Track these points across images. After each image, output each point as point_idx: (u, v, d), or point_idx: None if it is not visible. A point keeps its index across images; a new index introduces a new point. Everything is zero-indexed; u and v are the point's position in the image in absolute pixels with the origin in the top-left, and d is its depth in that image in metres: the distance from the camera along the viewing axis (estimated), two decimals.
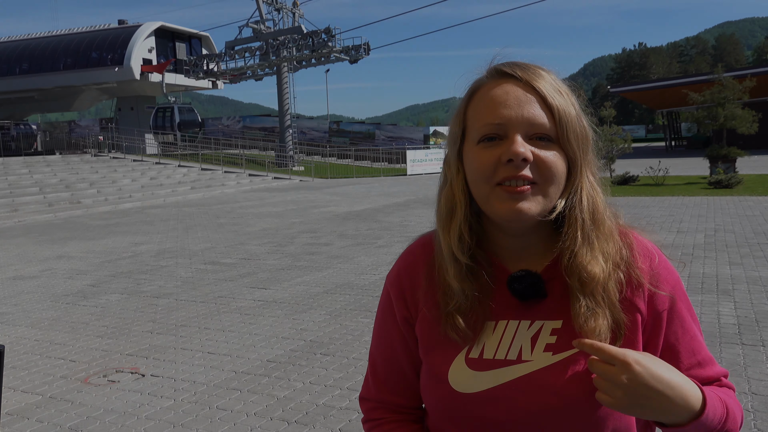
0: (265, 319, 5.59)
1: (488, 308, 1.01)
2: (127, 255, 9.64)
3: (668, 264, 1.04)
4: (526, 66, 0.98)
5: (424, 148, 35.29)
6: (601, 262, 0.96)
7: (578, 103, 1.00)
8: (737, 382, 3.70)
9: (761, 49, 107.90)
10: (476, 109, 0.98)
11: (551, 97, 0.94)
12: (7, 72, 35.45)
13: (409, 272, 1.11)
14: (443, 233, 1.04)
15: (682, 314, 1.02)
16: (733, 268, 6.87)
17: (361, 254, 8.77)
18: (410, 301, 1.09)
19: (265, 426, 3.40)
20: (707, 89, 20.62)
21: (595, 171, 1.02)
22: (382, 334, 1.14)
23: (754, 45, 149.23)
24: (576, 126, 0.96)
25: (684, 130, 51.52)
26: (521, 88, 0.95)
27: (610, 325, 0.95)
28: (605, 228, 0.99)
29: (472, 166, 0.97)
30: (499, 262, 1.04)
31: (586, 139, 0.99)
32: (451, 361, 1.01)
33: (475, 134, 0.97)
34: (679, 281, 1.04)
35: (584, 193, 0.98)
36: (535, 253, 1.02)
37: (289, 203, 17.60)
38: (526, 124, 0.93)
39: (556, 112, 0.94)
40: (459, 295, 1.01)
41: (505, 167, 0.93)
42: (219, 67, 34.29)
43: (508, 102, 0.94)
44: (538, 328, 0.99)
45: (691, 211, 12.04)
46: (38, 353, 4.90)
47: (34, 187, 20.11)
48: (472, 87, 1.01)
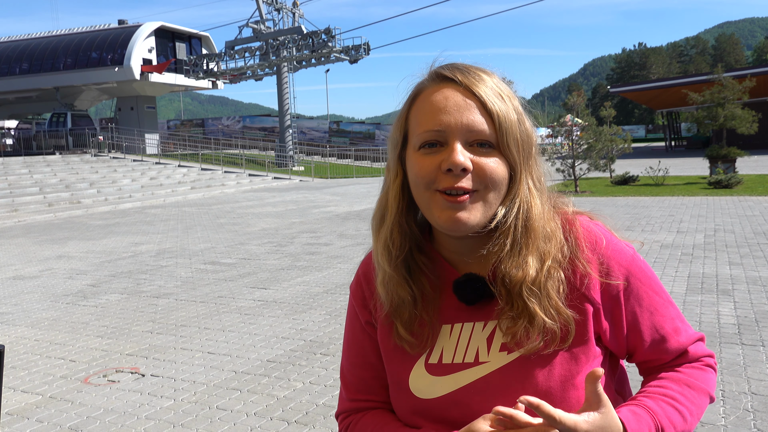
0: (265, 319, 5.59)
1: (438, 313, 1.01)
2: (127, 255, 9.65)
3: (618, 245, 1.02)
4: (467, 69, 0.97)
5: None
6: (530, 265, 0.95)
7: (521, 106, 0.99)
8: (737, 382, 3.70)
9: (761, 49, 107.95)
10: (417, 114, 0.97)
11: (491, 102, 0.93)
12: (7, 72, 35.42)
13: (366, 279, 1.11)
14: (373, 240, 1.05)
15: (638, 292, 1.01)
16: (733, 268, 6.88)
17: (361, 254, 8.77)
18: (371, 307, 1.09)
19: (265, 426, 3.40)
20: (707, 89, 20.62)
21: (537, 176, 1.00)
22: (352, 341, 1.14)
23: (754, 45, 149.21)
24: (516, 131, 0.95)
25: (684, 130, 51.52)
26: (461, 93, 0.94)
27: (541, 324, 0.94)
28: (539, 233, 0.97)
29: (413, 171, 0.96)
30: (448, 265, 1.03)
31: (528, 144, 0.98)
32: (410, 369, 1.01)
33: (416, 140, 0.96)
34: (632, 260, 1.01)
35: (521, 200, 0.97)
36: (483, 255, 1.00)
37: (289, 203, 17.60)
38: (465, 130, 0.92)
39: (495, 118, 0.93)
40: (389, 302, 1.01)
41: (444, 176, 0.92)
42: (219, 67, 34.28)
43: (447, 108, 0.93)
44: (492, 328, 0.99)
45: (691, 211, 12.04)
46: (38, 353, 4.91)
47: (34, 187, 20.11)
48: (414, 91, 1.00)
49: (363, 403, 1.12)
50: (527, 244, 0.96)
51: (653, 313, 1.01)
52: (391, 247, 1.00)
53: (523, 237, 0.96)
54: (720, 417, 3.27)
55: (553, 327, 0.94)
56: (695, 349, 1.05)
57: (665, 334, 1.02)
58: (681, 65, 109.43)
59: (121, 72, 32.84)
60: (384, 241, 1.01)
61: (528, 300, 0.94)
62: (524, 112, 0.99)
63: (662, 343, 1.02)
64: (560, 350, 0.95)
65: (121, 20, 36.86)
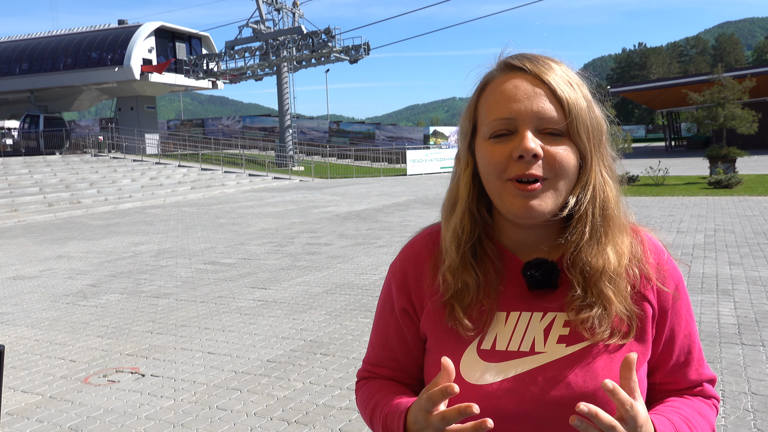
0: (265, 319, 5.59)
1: (497, 299, 1.01)
2: (127, 255, 9.65)
3: (674, 263, 1.05)
4: (536, 58, 0.97)
5: (424, 148, 35.32)
6: (609, 255, 0.97)
7: (590, 95, 0.99)
8: (737, 382, 3.70)
9: (761, 49, 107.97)
10: (486, 103, 0.98)
11: (560, 89, 0.94)
12: (7, 72, 35.42)
13: (413, 263, 1.10)
14: (443, 227, 1.06)
15: (681, 312, 1.03)
16: (733, 268, 6.88)
17: (361, 254, 8.78)
18: (414, 292, 1.08)
19: (265, 426, 3.40)
20: (707, 89, 20.62)
21: (609, 164, 1.01)
22: (379, 319, 1.15)
23: (754, 45, 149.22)
24: (587, 118, 0.95)
25: (684, 130, 51.54)
26: (530, 81, 0.95)
27: (622, 317, 0.96)
28: (616, 222, 0.99)
29: (484, 161, 0.97)
30: (510, 253, 1.04)
31: (599, 132, 0.98)
32: (462, 353, 1.00)
33: (486, 129, 0.97)
34: (682, 281, 1.05)
35: (596, 187, 0.97)
36: (547, 245, 1.02)
37: (289, 203, 17.60)
38: (535, 118, 0.93)
39: (565, 105, 0.93)
40: (454, 287, 1.01)
41: (515, 163, 0.92)
42: (219, 67, 34.29)
43: (517, 96, 0.94)
44: (551, 319, 0.99)
45: (691, 211, 12.04)
46: (38, 353, 4.90)
47: (34, 187, 20.11)
48: (483, 81, 1.01)
49: (374, 374, 1.16)
50: (606, 232, 0.98)
51: (686, 336, 1.04)
52: (461, 234, 1.01)
53: (602, 225, 0.98)
54: (720, 417, 3.27)
55: (624, 317, 0.96)
56: (708, 387, 1.07)
57: (690, 360, 1.05)
58: (681, 65, 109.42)
59: (121, 72, 32.84)
60: (454, 228, 1.02)
61: (605, 288, 0.95)
62: (593, 99, 0.99)
63: (684, 367, 1.04)
64: (622, 345, 0.97)
65: (121, 20, 36.86)
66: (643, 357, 0.99)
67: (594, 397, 0.93)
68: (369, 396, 1.12)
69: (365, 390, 1.14)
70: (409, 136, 39.92)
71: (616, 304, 0.95)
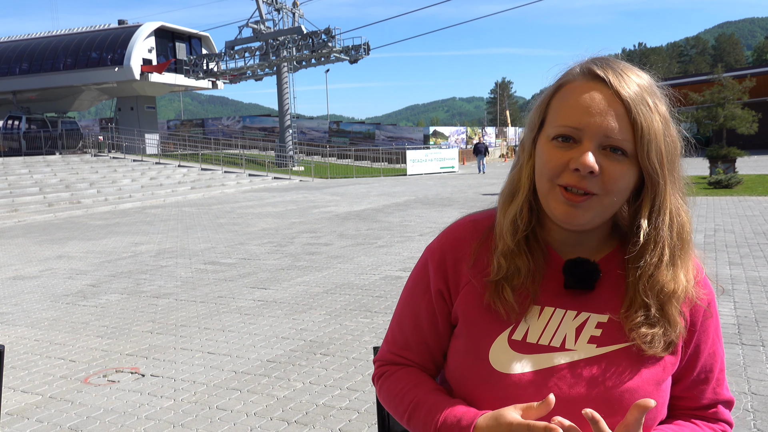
0: (265, 319, 5.59)
1: (536, 292, 1.02)
2: (127, 255, 9.65)
3: (708, 281, 1.07)
4: (620, 70, 0.97)
5: (424, 148, 35.32)
6: (681, 279, 0.98)
7: (668, 114, 0.98)
8: (737, 382, 3.70)
9: (761, 49, 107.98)
10: (559, 104, 0.98)
11: (636, 110, 0.93)
12: (7, 72, 35.44)
13: (455, 246, 1.11)
14: (501, 212, 1.06)
15: (709, 331, 1.04)
16: (733, 268, 6.88)
17: (361, 254, 8.78)
18: (451, 275, 1.09)
19: (265, 426, 3.40)
20: (707, 89, 20.65)
21: (682, 187, 1.02)
22: (410, 301, 1.14)
23: (754, 45, 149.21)
24: (661, 142, 0.95)
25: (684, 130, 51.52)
26: (608, 95, 0.94)
27: (673, 334, 0.98)
28: (690, 246, 1.01)
29: (542, 160, 0.98)
30: (552, 251, 1.05)
31: (673, 155, 0.98)
32: (493, 339, 1.01)
33: (552, 130, 0.97)
34: (714, 299, 1.06)
35: (672, 213, 0.99)
36: (589, 247, 1.03)
37: (289, 203, 17.61)
38: (603, 134, 0.93)
39: (638, 128, 0.93)
40: (506, 269, 1.02)
41: (570, 173, 0.93)
42: (219, 67, 34.28)
43: (591, 109, 0.93)
44: (584, 319, 1.00)
45: (691, 211, 12.02)
46: (38, 353, 4.90)
47: (34, 187, 20.11)
48: (561, 80, 1.00)
49: (401, 358, 1.14)
50: (682, 257, 1.00)
51: (711, 354, 1.05)
52: (519, 223, 1.02)
53: (679, 250, 1.00)
54: None
55: (673, 337, 0.99)
56: (723, 410, 1.07)
57: (710, 378, 1.05)
58: (681, 65, 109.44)
59: (121, 72, 32.84)
60: (513, 216, 1.03)
61: (673, 310, 0.98)
62: (671, 119, 0.99)
63: (703, 385, 1.05)
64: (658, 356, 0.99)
65: (121, 20, 36.86)
66: (672, 368, 1.00)
67: (621, 400, 0.94)
68: (404, 388, 1.09)
69: (396, 379, 1.12)
70: (409, 136, 39.93)
71: (680, 326, 0.98)
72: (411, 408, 1.05)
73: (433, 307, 1.10)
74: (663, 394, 0.99)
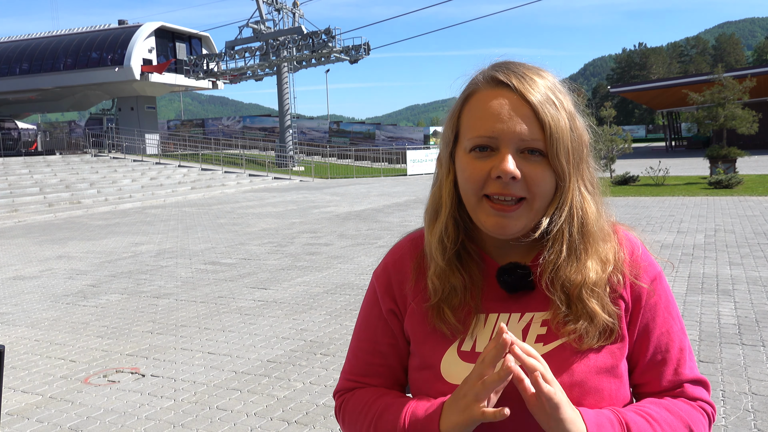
0: (265, 320, 5.59)
1: (478, 301, 1.02)
2: (127, 255, 9.64)
3: (650, 258, 1.06)
4: (522, 73, 0.97)
5: (424, 148, 35.31)
6: (590, 268, 0.98)
7: (575, 107, 0.99)
8: (737, 383, 3.70)
9: (761, 49, 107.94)
10: (469, 116, 0.98)
11: (543, 110, 0.94)
12: (7, 72, 35.42)
13: (396, 267, 1.12)
14: (427, 231, 1.07)
15: (656, 307, 1.03)
16: (733, 268, 6.87)
17: (361, 254, 8.78)
18: (398, 294, 1.10)
19: (265, 426, 3.40)
20: (707, 89, 20.60)
21: (590, 177, 1.02)
22: (366, 326, 1.14)
23: (754, 45, 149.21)
24: (567, 140, 0.96)
25: (684, 130, 51.53)
26: (514, 100, 0.95)
27: (601, 323, 0.97)
28: (597, 236, 1.00)
29: (463, 175, 0.98)
30: (487, 257, 1.05)
31: (579, 149, 0.99)
32: (442, 354, 1.01)
33: (468, 143, 0.97)
34: (659, 275, 1.04)
35: (574, 207, 0.99)
36: (522, 247, 1.03)
37: (289, 203, 17.60)
38: (518, 139, 0.94)
39: (546, 128, 0.94)
40: (442, 291, 1.02)
41: (493, 182, 0.94)
42: (219, 67, 34.28)
43: (501, 116, 0.94)
44: (528, 320, 1.00)
45: (691, 211, 12.03)
46: (38, 353, 4.90)
47: (34, 188, 20.11)
48: (467, 91, 1.01)
49: (360, 385, 1.13)
50: (586, 249, 0.99)
51: (663, 333, 1.03)
52: (446, 241, 1.02)
53: (581, 243, 0.99)
54: (720, 417, 3.27)
55: (609, 324, 0.98)
56: (692, 389, 1.03)
57: (667, 358, 1.02)
58: (681, 65, 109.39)
59: (121, 72, 32.84)
60: (439, 235, 1.03)
61: (588, 301, 0.97)
62: (576, 112, 0.99)
63: (661, 366, 1.02)
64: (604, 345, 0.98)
65: (121, 20, 36.86)
66: (621, 352, 0.99)
67: (570, 394, 0.94)
68: (370, 399, 1.07)
69: (359, 398, 1.09)
70: (409, 136, 39.92)
71: (600, 315, 0.96)
72: (378, 413, 1.03)
73: (390, 329, 1.10)
74: (617, 380, 0.97)
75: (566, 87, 1.01)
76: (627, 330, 1.01)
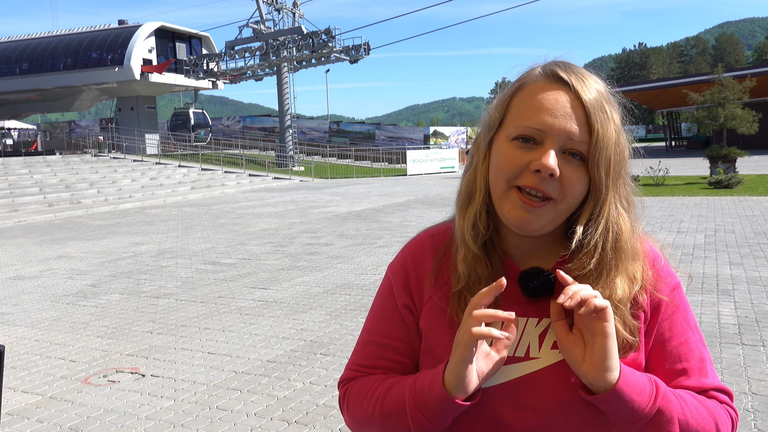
0: (265, 320, 5.59)
1: (498, 302, 1.00)
2: (127, 255, 9.64)
3: (670, 269, 1.05)
4: (581, 74, 0.96)
5: (424, 148, 35.33)
6: (617, 286, 0.96)
7: (620, 121, 0.98)
8: (737, 383, 3.70)
9: (761, 49, 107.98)
10: (521, 104, 0.97)
11: (595, 117, 0.93)
12: (7, 72, 35.42)
13: (416, 263, 1.09)
14: (459, 216, 1.04)
15: (673, 317, 1.02)
16: (733, 268, 6.87)
17: (361, 254, 8.78)
18: (415, 290, 1.08)
19: (265, 426, 3.40)
20: (707, 89, 20.61)
21: (625, 194, 1.01)
22: (379, 320, 1.12)
23: (754, 45, 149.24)
24: (611, 151, 0.95)
25: (684, 130, 51.55)
26: (570, 98, 0.94)
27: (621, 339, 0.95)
28: (628, 254, 0.98)
29: (500, 161, 0.96)
30: (508, 259, 1.04)
31: (620, 164, 0.97)
32: None
33: (512, 129, 0.96)
34: (677, 286, 1.04)
35: (610, 222, 0.97)
36: (544, 252, 1.02)
37: (289, 203, 17.60)
38: (565, 137, 0.92)
39: (594, 134, 0.93)
40: (466, 278, 1.00)
41: (530, 175, 0.92)
42: (219, 67, 34.29)
43: (555, 110, 0.93)
44: (546, 325, 0.99)
45: (691, 211, 12.03)
46: (38, 353, 4.90)
47: (34, 188, 20.11)
48: (523, 79, 0.99)
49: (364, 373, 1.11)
50: (617, 265, 0.97)
51: (682, 343, 1.02)
52: (480, 227, 1.00)
53: (613, 259, 0.97)
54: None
55: (630, 341, 0.96)
56: (717, 395, 1.02)
57: (688, 368, 1.01)
58: (681, 65, 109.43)
59: (121, 72, 32.84)
60: (473, 219, 1.01)
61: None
62: (622, 128, 0.98)
63: (681, 375, 1.01)
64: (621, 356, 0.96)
65: (121, 20, 36.86)
66: (636, 363, 0.98)
67: (586, 402, 0.93)
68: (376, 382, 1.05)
69: (364, 382, 1.08)
70: (409, 137, 39.94)
71: (621, 332, 0.95)
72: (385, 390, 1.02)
73: (404, 323, 1.08)
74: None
75: (616, 100, 1.00)
76: (644, 339, 1.00)
